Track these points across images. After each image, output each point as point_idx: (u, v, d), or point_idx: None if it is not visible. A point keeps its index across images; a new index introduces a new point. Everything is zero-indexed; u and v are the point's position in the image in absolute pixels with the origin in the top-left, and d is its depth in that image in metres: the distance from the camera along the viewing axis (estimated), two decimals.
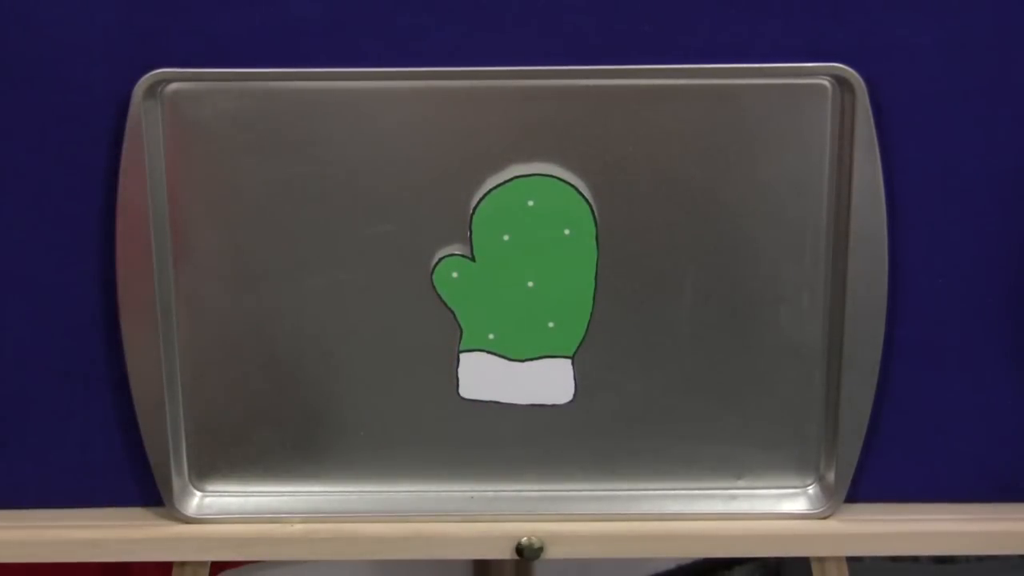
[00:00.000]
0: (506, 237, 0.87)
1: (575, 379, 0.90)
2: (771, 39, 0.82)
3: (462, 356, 0.90)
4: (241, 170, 0.86)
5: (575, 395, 0.90)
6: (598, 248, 0.87)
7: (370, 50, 0.82)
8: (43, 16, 0.82)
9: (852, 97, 0.83)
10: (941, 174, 0.86)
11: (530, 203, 0.86)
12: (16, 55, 0.82)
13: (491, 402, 0.91)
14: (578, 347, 0.89)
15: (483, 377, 0.90)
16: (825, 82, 0.84)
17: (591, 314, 0.89)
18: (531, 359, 0.90)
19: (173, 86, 0.83)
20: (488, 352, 0.90)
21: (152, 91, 0.83)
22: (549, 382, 0.90)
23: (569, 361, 0.90)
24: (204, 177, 0.86)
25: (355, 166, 0.86)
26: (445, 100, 0.84)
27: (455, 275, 0.88)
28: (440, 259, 0.87)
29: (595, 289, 0.88)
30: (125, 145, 0.83)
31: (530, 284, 0.88)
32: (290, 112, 0.84)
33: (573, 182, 0.86)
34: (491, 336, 0.89)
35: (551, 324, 0.89)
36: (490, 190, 0.86)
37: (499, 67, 0.83)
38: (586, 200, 0.86)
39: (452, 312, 0.89)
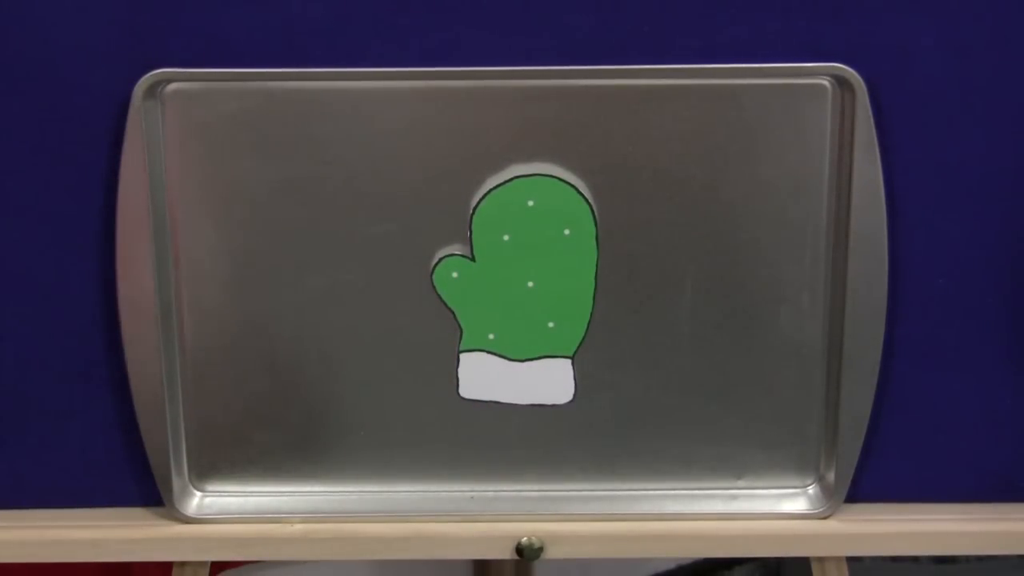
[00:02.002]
0: (506, 237, 0.87)
1: (575, 379, 0.90)
2: (771, 39, 0.82)
3: (462, 356, 0.90)
4: (241, 170, 0.86)
5: (575, 395, 0.90)
6: (598, 248, 0.87)
7: (370, 50, 0.82)
8: (43, 16, 0.82)
9: (852, 97, 0.83)
10: (941, 174, 0.86)
11: (530, 203, 0.86)
12: (16, 55, 0.82)
13: (491, 402, 0.91)
14: (578, 347, 0.89)
15: (483, 377, 0.90)
16: (825, 82, 0.84)
17: (591, 314, 0.89)
18: (531, 359, 0.90)
19: (173, 86, 0.83)
20: (488, 352, 0.90)
21: (152, 91, 0.83)
22: (549, 382, 0.90)
23: (569, 361, 0.90)
24: (204, 177, 0.86)
25: (355, 166, 0.86)
26: (445, 100, 0.84)
27: (455, 275, 0.88)
28: (440, 259, 0.87)
29: (595, 289, 0.88)
30: (125, 145, 0.83)
31: (530, 284, 0.88)
32: (290, 112, 0.84)
33: (573, 182, 0.86)
34: (491, 336, 0.89)
35: (551, 324, 0.89)
36: (490, 190, 0.86)
37: (499, 67, 0.83)
38: (586, 200, 0.86)
39: (452, 312, 0.89)
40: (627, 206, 0.86)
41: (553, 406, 0.91)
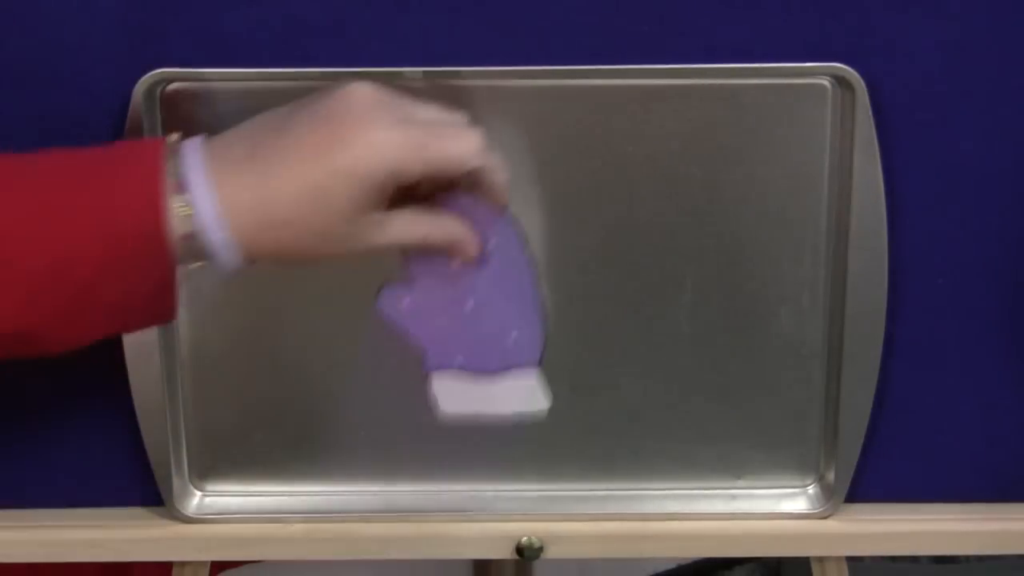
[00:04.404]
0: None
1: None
2: (771, 39, 0.82)
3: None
4: None
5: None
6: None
7: (370, 50, 0.82)
8: (43, 16, 0.82)
9: (852, 97, 0.83)
10: (941, 174, 0.86)
11: None
12: (16, 55, 0.82)
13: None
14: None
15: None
16: (825, 82, 0.84)
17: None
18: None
19: (173, 86, 0.83)
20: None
21: (152, 91, 0.83)
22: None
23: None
24: None
25: None
26: (445, 100, 0.84)
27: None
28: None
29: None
30: None
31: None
32: None
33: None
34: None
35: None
36: None
37: (499, 67, 0.83)
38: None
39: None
40: (627, 206, 0.86)
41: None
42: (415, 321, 0.84)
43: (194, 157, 0.74)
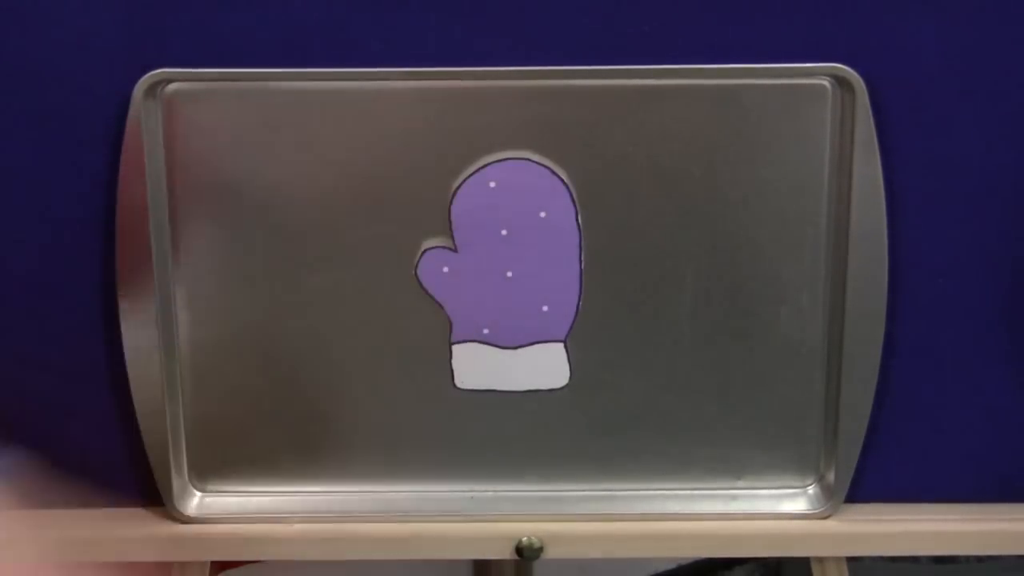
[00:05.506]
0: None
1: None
2: (771, 39, 0.82)
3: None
4: (241, 170, 0.86)
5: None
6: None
7: (370, 50, 0.82)
8: (43, 16, 0.82)
9: (852, 97, 0.83)
10: (941, 173, 0.86)
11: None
12: (16, 55, 0.82)
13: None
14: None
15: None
16: (825, 82, 0.84)
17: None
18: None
19: (173, 86, 0.83)
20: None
21: (152, 91, 0.83)
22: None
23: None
24: (204, 177, 0.86)
25: (355, 166, 0.86)
26: (445, 100, 0.84)
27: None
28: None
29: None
30: (125, 145, 0.83)
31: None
32: (290, 112, 0.84)
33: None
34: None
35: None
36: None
37: (499, 67, 0.83)
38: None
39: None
40: (627, 206, 0.86)
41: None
42: (451, 288, 0.86)
43: None
